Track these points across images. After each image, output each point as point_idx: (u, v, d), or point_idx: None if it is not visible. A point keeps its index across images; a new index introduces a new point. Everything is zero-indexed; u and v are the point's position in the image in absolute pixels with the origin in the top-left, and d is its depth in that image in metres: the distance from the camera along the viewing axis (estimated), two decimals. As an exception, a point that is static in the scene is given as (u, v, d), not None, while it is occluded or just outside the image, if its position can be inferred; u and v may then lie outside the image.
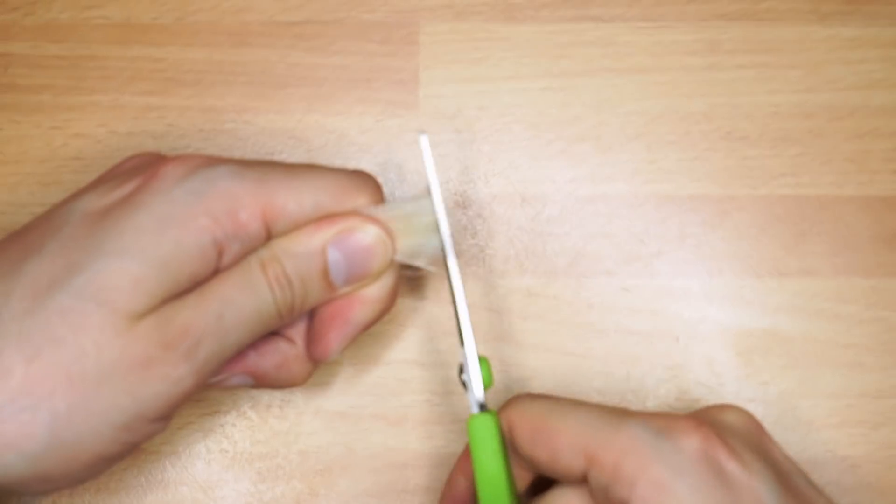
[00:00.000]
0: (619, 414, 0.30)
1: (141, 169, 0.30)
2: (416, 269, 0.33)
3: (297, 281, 0.30)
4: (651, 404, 0.38)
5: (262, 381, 0.33)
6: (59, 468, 0.28)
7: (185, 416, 0.38)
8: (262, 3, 0.41)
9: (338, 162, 0.40)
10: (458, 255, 0.39)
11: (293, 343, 0.33)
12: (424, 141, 0.33)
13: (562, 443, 0.29)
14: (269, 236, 0.30)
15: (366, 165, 0.40)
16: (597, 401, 0.38)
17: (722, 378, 0.38)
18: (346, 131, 0.40)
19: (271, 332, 0.33)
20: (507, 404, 0.32)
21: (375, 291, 0.32)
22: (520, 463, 0.32)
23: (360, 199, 0.31)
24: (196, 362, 0.28)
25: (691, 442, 0.28)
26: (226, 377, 0.32)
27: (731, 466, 0.28)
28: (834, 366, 0.38)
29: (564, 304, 0.39)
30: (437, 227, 0.32)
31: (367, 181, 0.32)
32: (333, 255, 0.31)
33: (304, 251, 0.30)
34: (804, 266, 0.39)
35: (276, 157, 0.40)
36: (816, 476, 0.37)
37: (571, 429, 0.29)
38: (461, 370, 0.32)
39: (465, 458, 0.33)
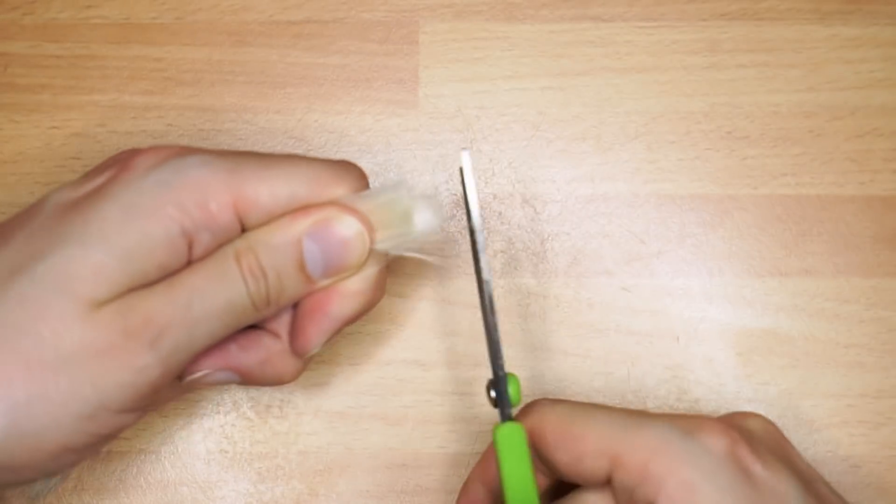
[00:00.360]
0: (643, 416, 0.29)
1: (117, 162, 0.30)
2: (426, 257, 0.32)
3: (271, 273, 0.29)
4: (651, 404, 0.38)
5: (248, 378, 0.32)
6: (21, 458, 0.27)
7: (185, 417, 0.38)
8: (262, 3, 0.41)
9: (337, 161, 0.40)
10: (457, 255, 0.39)
11: (278, 338, 0.32)
12: (466, 157, 0.31)
13: (586, 447, 0.29)
14: (243, 228, 0.30)
15: (365, 165, 0.40)
16: (597, 401, 0.38)
17: (722, 378, 0.38)
18: (346, 131, 0.40)
19: (255, 327, 0.32)
20: (527, 410, 0.31)
21: (356, 284, 0.31)
22: (541, 468, 0.31)
23: (339, 190, 0.30)
24: (161, 351, 0.28)
25: (719, 443, 0.28)
26: (208, 373, 0.31)
27: (758, 469, 0.28)
28: (834, 366, 0.38)
29: (564, 304, 0.39)
30: (413, 216, 0.31)
31: (347, 170, 0.31)
32: (309, 247, 0.30)
33: (278, 242, 0.29)
34: (805, 266, 0.39)
35: (276, 157, 0.40)
36: (817, 476, 0.37)
37: (596, 432, 0.29)
38: (489, 386, 0.32)
39: (483, 465, 0.33)
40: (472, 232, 0.31)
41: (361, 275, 0.31)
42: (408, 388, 0.38)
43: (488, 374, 0.38)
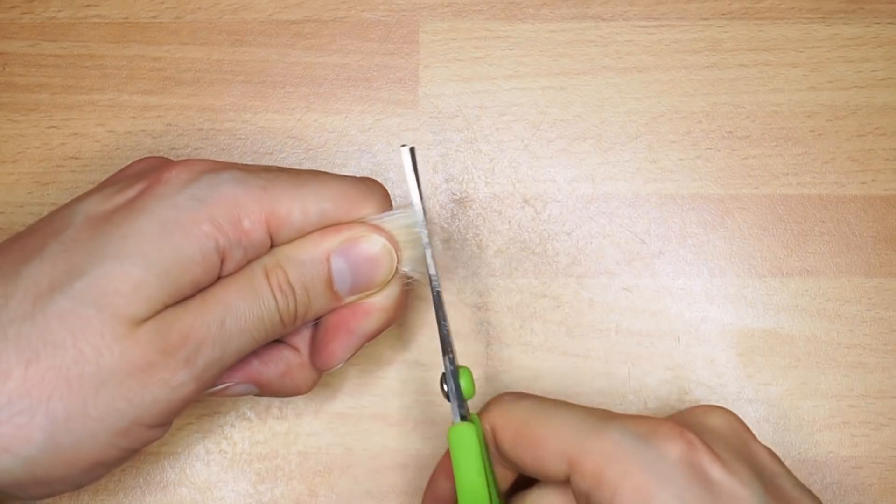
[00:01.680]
0: (602, 417, 0.29)
1: (146, 173, 0.30)
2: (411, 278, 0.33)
3: (300, 289, 0.30)
4: (652, 405, 0.38)
5: (266, 389, 0.33)
6: (56, 472, 0.27)
7: (185, 417, 0.38)
8: (261, 2, 0.41)
9: (338, 161, 0.39)
10: (457, 256, 0.39)
11: (297, 351, 0.33)
12: (406, 153, 0.32)
13: (545, 450, 0.29)
14: (273, 244, 0.30)
15: (365, 165, 0.40)
16: (598, 401, 0.38)
17: (723, 378, 0.38)
18: (346, 130, 0.40)
19: (275, 340, 0.32)
20: (490, 405, 0.32)
21: (381, 301, 0.32)
22: (503, 463, 0.32)
23: (367, 208, 0.31)
24: (196, 368, 0.28)
25: (674, 448, 0.28)
26: (229, 385, 0.32)
27: (716, 472, 0.28)
28: (836, 366, 0.38)
29: (565, 304, 0.39)
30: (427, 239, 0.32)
31: (373, 189, 0.32)
32: (338, 265, 0.30)
33: (308, 259, 0.30)
34: (806, 266, 0.39)
35: (276, 157, 0.40)
36: (818, 477, 0.37)
37: (554, 434, 0.29)
38: (443, 380, 0.32)
39: (448, 459, 0.33)
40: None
41: (386, 292, 0.32)
42: (408, 388, 0.38)
43: (488, 373, 0.38)
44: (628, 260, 0.39)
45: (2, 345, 0.26)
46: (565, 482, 0.29)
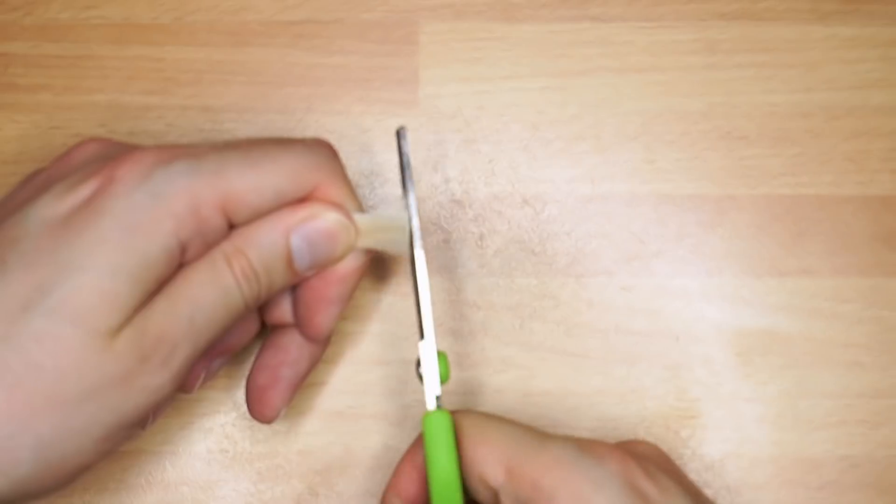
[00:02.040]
0: (546, 435, 0.31)
1: (94, 165, 0.30)
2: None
3: (262, 272, 0.30)
4: (650, 404, 0.38)
5: (237, 349, 0.34)
6: (45, 485, 0.28)
7: (185, 416, 0.38)
8: (261, 3, 0.41)
9: (337, 162, 0.40)
10: (457, 256, 0.39)
11: (295, 328, 0.34)
12: (404, 133, 0.33)
13: (487, 453, 0.30)
14: (230, 226, 0.30)
15: (365, 165, 0.40)
16: (597, 401, 0.38)
17: (721, 377, 0.38)
18: (346, 131, 0.40)
19: (276, 325, 0.34)
20: (457, 410, 0.32)
21: (350, 265, 0.32)
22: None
23: (321, 175, 0.31)
24: (172, 369, 0.28)
25: (611, 462, 0.29)
26: (205, 374, 0.33)
27: (649, 488, 0.29)
28: (833, 365, 0.38)
29: (564, 304, 0.39)
30: (409, 228, 0.33)
31: (323, 155, 0.32)
32: (296, 243, 0.31)
33: (268, 242, 0.30)
34: (803, 265, 0.39)
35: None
36: (815, 476, 0.37)
37: (498, 441, 0.30)
38: (418, 364, 0.33)
39: (415, 450, 0.33)
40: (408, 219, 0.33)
41: (350, 258, 0.32)
42: (408, 387, 0.38)
43: (487, 374, 0.38)
44: (626, 260, 0.39)
45: None
46: (493, 499, 0.30)
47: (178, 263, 0.29)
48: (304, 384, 0.35)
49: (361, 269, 0.33)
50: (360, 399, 0.38)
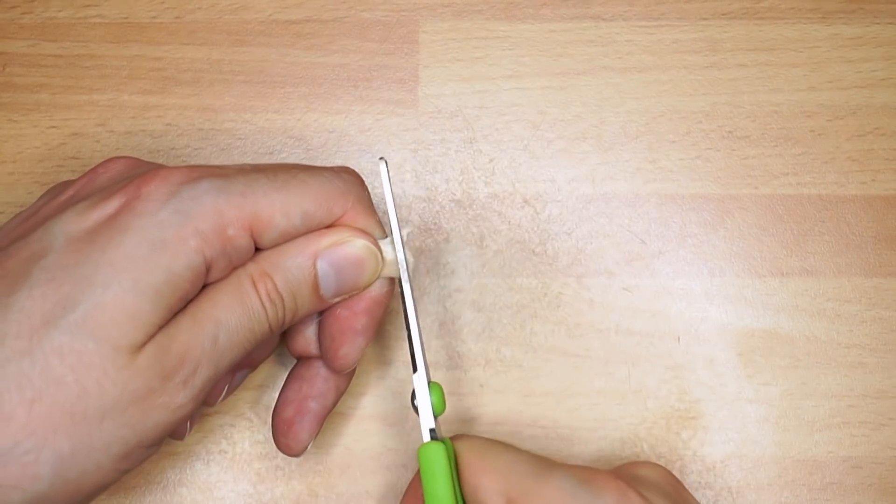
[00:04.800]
0: (545, 465, 0.30)
1: (120, 183, 0.30)
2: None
3: (288, 296, 0.30)
4: (652, 405, 0.38)
5: (256, 363, 0.34)
6: (62, 502, 0.27)
7: (184, 417, 0.38)
8: (261, 2, 0.41)
9: (338, 161, 0.39)
10: (457, 256, 0.39)
11: (320, 360, 0.34)
12: (383, 168, 0.32)
13: (489, 482, 0.30)
14: (257, 248, 0.30)
15: (365, 165, 0.40)
16: (598, 401, 0.38)
17: (723, 378, 0.38)
18: (346, 130, 0.40)
19: (301, 356, 0.34)
20: (455, 437, 0.32)
21: (376, 293, 0.32)
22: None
23: (348, 202, 0.31)
24: (194, 389, 0.28)
25: (609, 494, 0.29)
26: (229, 389, 0.33)
27: None
28: (836, 366, 0.38)
29: (565, 304, 0.39)
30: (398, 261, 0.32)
31: (351, 182, 0.32)
32: (323, 268, 0.31)
33: (294, 266, 0.30)
34: (806, 266, 0.39)
35: (276, 157, 0.39)
36: (818, 477, 0.37)
37: (499, 471, 0.30)
38: (413, 396, 0.32)
39: (416, 483, 0.32)
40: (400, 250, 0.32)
41: (376, 286, 0.32)
42: (408, 388, 0.38)
43: (487, 374, 0.38)
44: (628, 260, 0.39)
45: (3, 385, 0.26)
46: None
47: (203, 282, 0.29)
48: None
49: (387, 300, 0.33)
50: (360, 400, 0.38)
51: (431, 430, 0.31)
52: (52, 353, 0.26)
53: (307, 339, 0.34)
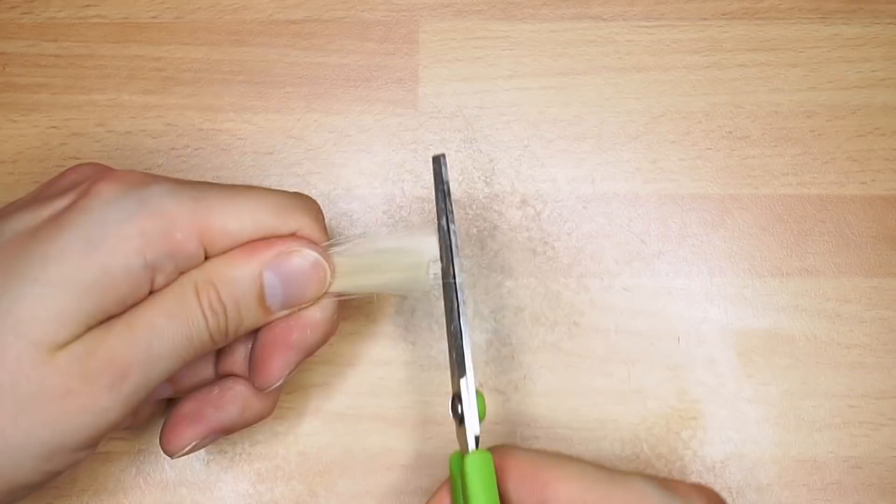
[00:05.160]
0: (616, 472, 0.29)
1: (77, 184, 0.29)
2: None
3: (231, 306, 0.29)
4: (651, 405, 0.38)
5: (231, 430, 0.32)
6: None
7: (184, 417, 0.38)
8: (261, 2, 0.41)
9: (338, 161, 0.39)
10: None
11: (245, 380, 0.32)
12: (443, 161, 0.31)
13: (556, 493, 0.28)
14: (207, 256, 0.29)
15: (365, 165, 0.40)
16: (597, 401, 0.38)
17: (723, 378, 0.38)
18: (346, 130, 0.40)
19: (226, 375, 0.32)
20: (497, 448, 0.30)
21: (316, 314, 0.31)
22: None
23: (302, 218, 0.30)
24: (121, 395, 0.27)
25: (697, 501, 0.28)
26: (195, 444, 0.32)
27: None
28: (836, 366, 0.38)
29: (565, 304, 0.39)
30: (423, 266, 0.31)
31: (307, 203, 0.31)
32: (270, 280, 0.30)
33: (240, 275, 0.29)
34: (806, 266, 0.39)
35: (276, 156, 0.39)
36: (818, 477, 0.37)
37: (569, 481, 0.28)
38: (454, 403, 0.30)
39: (444, 492, 0.31)
40: (448, 235, 0.31)
41: (322, 305, 0.31)
42: (407, 388, 0.38)
43: (488, 375, 0.38)
44: (628, 260, 0.39)
45: None
46: None
47: (148, 287, 0.28)
48: (302, 385, 0.34)
49: (332, 321, 0.31)
50: (360, 400, 0.38)
51: (476, 438, 0.30)
52: None
53: (237, 356, 0.33)
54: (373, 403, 0.38)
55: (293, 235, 0.30)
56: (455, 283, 0.30)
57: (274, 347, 0.31)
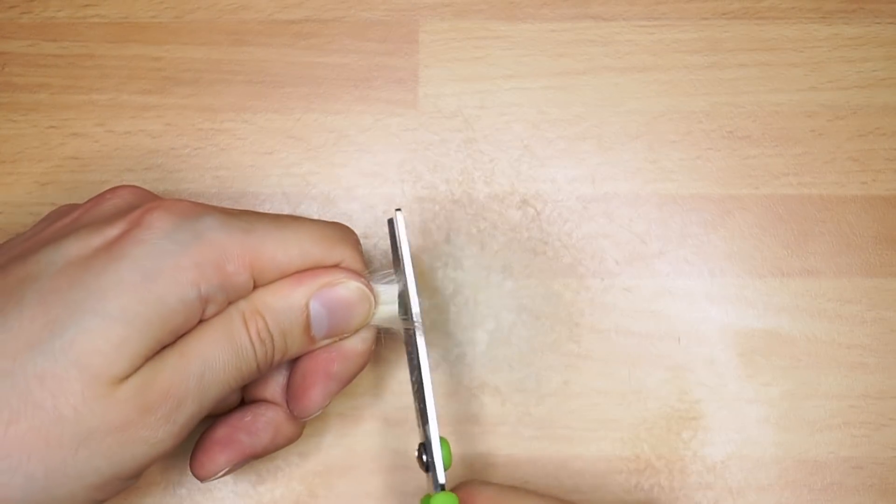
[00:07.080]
0: None
1: (124, 212, 0.29)
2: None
3: (278, 335, 0.30)
4: (652, 405, 0.38)
5: (262, 455, 0.33)
6: None
7: (184, 418, 0.38)
8: (261, 2, 0.40)
9: (338, 161, 0.39)
10: (457, 256, 0.39)
11: (278, 406, 0.33)
12: (400, 218, 0.32)
13: None
14: (255, 286, 0.30)
15: (365, 165, 0.39)
16: (598, 402, 0.38)
17: (724, 379, 0.38)
18: (346, 130, 0.40)
19: (257, 401, 0.33)
20: (461, 484, 0.32)
21: (358, 345, 0.32)
22: None
23: (345, 248, 0.31)
24: (175, 425, 0.28)
25: None
26: (227, 470, 0.32)
27: None
28: (836, 366, 0.38)
29: (565, 304, 0.39)
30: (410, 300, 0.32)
31: (348, 233, 0.32)
32: (316, 309, 0.30)
33: (287, 306, 0.30)
34: (806, 266, 0.39)
35: (275, 156, 0.39)
36: (819, 477, 0.37)
37: None
38: (420, 451, 0.32)
39: None
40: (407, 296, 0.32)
41: (362, 335, 0.32)
42: (408, 389, 0.38)
43: (489, 375, 0.38)
44: (628, 260, 0.39)
45: None
46: None
47: (198, 318, 0.29)
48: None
49: (369, 352, 0.32)
50: (360, 400, 0.38)
51: (441, 486, 0.31)
52: (34, 377, 0.26)
53: (269, 383, 0.33)
54: (373, 404, 0.38)
55: (336, 266, 0.31)
56: (415, 333, 0.31)
57: (316, 377, 0.32)
